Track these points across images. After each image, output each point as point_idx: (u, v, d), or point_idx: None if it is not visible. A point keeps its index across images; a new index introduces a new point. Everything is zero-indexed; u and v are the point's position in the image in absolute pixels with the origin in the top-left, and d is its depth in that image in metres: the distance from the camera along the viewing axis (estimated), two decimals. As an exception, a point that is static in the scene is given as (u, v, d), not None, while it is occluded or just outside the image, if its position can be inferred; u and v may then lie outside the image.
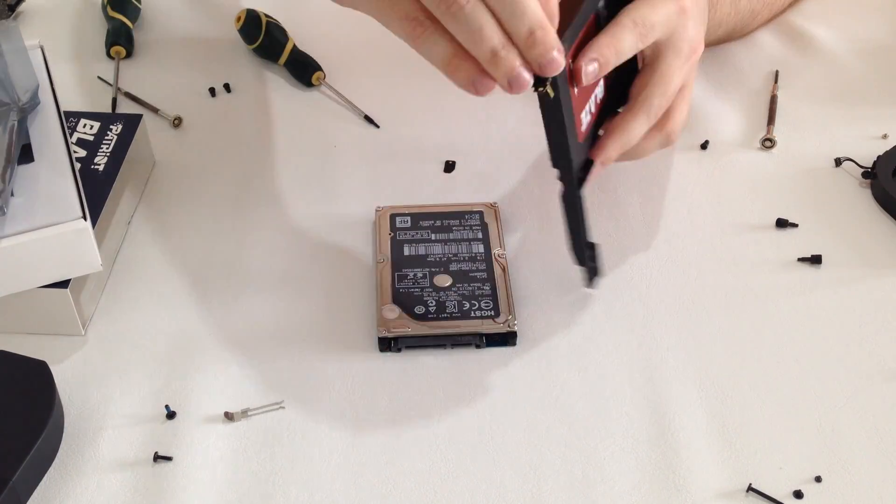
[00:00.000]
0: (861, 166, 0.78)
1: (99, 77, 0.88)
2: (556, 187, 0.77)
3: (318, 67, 0.86)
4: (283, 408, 0.62)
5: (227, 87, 0.87)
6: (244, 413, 0.62)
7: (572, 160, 0.61)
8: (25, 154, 0.67)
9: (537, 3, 0.56)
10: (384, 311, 0.66)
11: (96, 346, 0.66)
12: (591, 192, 0.76)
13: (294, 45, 0.88)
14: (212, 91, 0.86)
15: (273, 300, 0.69)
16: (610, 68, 0.61)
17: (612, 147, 0.65)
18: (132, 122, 0.76)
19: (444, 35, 0.57)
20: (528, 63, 0.56)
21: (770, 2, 0.89)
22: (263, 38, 0.88)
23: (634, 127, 0.65)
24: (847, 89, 0.86)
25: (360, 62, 0.90)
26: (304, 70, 0.86)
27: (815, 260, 0.71)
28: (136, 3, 0.93)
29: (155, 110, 0.84)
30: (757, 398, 0.62)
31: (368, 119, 0.82)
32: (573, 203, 0.64)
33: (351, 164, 0.80)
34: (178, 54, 0.91)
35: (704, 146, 0.80)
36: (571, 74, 0.60)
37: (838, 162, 0.79)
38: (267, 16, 0.89)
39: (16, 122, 0.67)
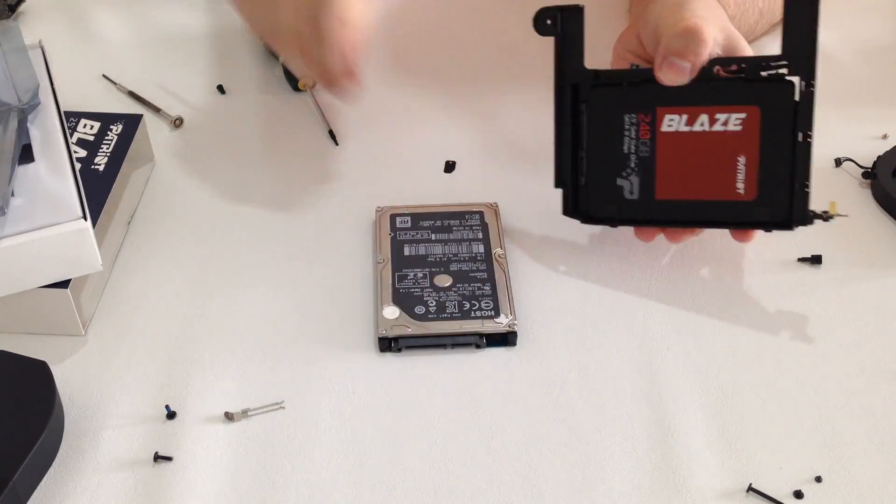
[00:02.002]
0: (861, 166, 0.78)
1: (104, 76, 0.88)
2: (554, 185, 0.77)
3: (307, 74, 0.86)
4: (283, 408, 0.62)
5: (220, 88, 0.87)
6: (244, 413, 0.62)
7: None
8: (26, 154, 0.67)
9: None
10: (384, 311, 0.66)
11: (96, 346, 0.66)
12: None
13: None
14: (220, 88, 0.86)
15: (273, 300, 0.69)
16: None
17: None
18: (132, 123, 0.76)
19: None
20: None
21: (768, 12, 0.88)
22: None
23: None
24: (847, 89, 0.86)
25: (365, 62, 0.90)
26: (292, 74, 0.86)
27: (815, 260, 0.71)
28: None
29: (157, 110, 0.84)
30: (757, 398, 0.62)
31: (331, 134, 0.82)
32: None
33: (351, 165, 0.80)
34: (182, 54, 0.91)
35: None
36: None
37: (838, 162, 0.79)
38: None
39: (16, 123, 0.68)
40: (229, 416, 0.61)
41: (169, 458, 0.59)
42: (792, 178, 0.65)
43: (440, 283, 0.68)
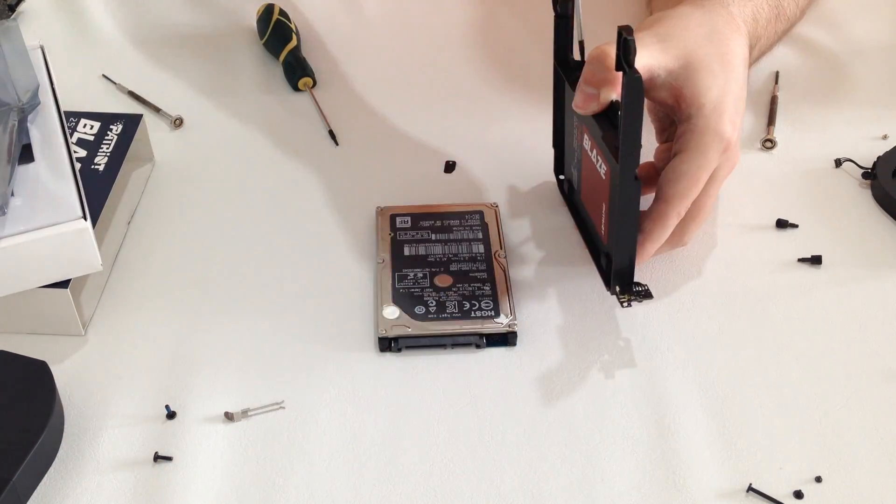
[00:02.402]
0: (861, 167, 0.78)
1: (104, 76, 0.88)
2: (555, 187, 0.77)
3: (307, 74, 0.86)
4: (283, 408, 0.62)
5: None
6: (244, 413, 0.62)
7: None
8: (26, 154, 0.67)
9: None
10: (384, 311, 0.66)
11: (96, 346, 0.66)
12: (591, 193, 0.77)
13: (296, 47, 0.88)
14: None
15: (273, 300, 0.69)
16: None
17: (651, 248, 0.66)
18: (132, 122, 0.76)
19: None
20: None
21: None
22: (270, 33, 0.89)
23: (668, 227, 0.65)
24: (847, 90, 0.86)
25: (364, 62, 0.90)
26: (293, 73, 0.86)
27: (815, 260, 0.71)
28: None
29: (157, 110, 0.84)
30: (757, 398, 0.62)
31: (332, 134, 0.82)
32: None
33: (351, 164, 0.80)
34: (182, 54, 0.91)
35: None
36: None
37: (838, 162, 0.79)
38: (282, 13, 0.90)
39: (16, 123, 0.68)
40: (229, 416, 0.61)
41: (169, 458, 0.59)
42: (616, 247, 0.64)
43: (440, 283, 0.68)
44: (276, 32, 0.89)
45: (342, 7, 0.97)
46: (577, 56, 0.69)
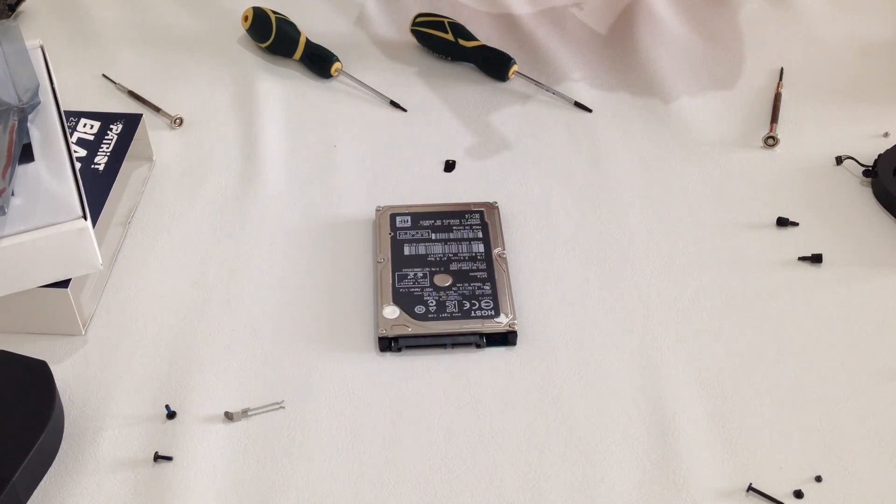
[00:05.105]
0: (862, 165, 0.77)
1: (104, 75, 0.88)
2: (555, 186, 0.77)
3: (335, 58, 0.86)
4: (283, 408, 0.62)
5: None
6: (244, 413, 0.62)
7: None
8: (26, 154, 0.67)
9: None
10: (384, 311, 0.66)
11: (96, 346, 0.66)
12: (591, 191, 0.77)
13: (307, 39, 0.88)
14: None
15: (273, 300, 0.69)
16: None
17: None
18: (132, 122, 0.76)
19: None
20: None
21: None
22: (275, 35, 0.88)
23: None
24: (848, 88, 0.86)
25: (364, 62, 0.90)
26: (321, 62, 0.86)
27: (816, 259, 0.71)
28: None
29: (157, 109, 0.84)
30: (757, 398, 0.62)
31: (395, 104, 0.81)
32: None
33: (351, 164, 0.80)
34: (182, 54, 0.91)
35: (706, 145, 0.80)
36: None
37: (839, 160, 0.78)
38: (275, 12, 0.89)
39: (16, 122, 0.68)
40: (229, 416, 0.61)
41: (169, 458, 0.59)
42: None
43: (440, 282, 0.68)
44: (283, 31, 0.88)
45: (342, 8, 0.97)
46: None
